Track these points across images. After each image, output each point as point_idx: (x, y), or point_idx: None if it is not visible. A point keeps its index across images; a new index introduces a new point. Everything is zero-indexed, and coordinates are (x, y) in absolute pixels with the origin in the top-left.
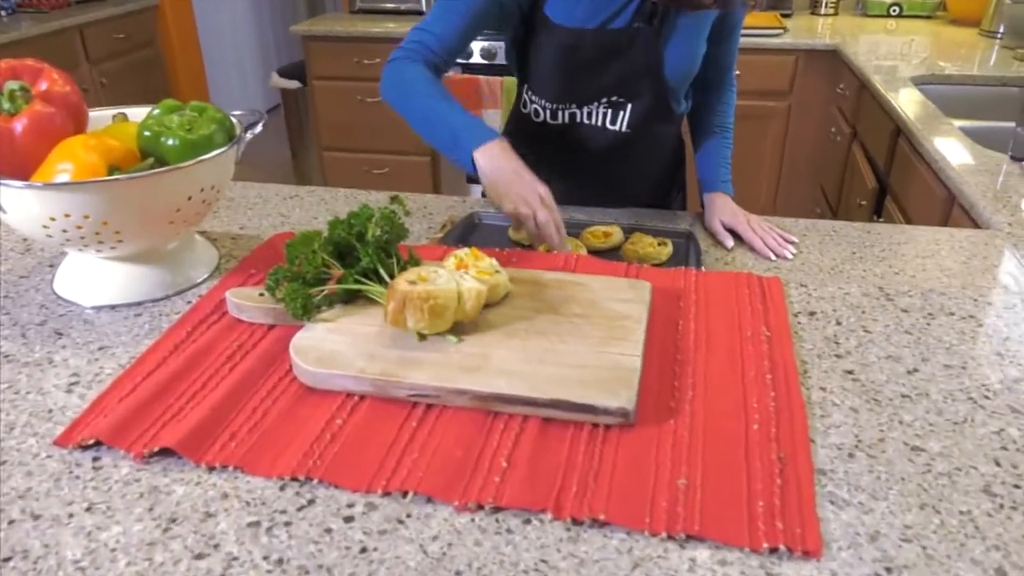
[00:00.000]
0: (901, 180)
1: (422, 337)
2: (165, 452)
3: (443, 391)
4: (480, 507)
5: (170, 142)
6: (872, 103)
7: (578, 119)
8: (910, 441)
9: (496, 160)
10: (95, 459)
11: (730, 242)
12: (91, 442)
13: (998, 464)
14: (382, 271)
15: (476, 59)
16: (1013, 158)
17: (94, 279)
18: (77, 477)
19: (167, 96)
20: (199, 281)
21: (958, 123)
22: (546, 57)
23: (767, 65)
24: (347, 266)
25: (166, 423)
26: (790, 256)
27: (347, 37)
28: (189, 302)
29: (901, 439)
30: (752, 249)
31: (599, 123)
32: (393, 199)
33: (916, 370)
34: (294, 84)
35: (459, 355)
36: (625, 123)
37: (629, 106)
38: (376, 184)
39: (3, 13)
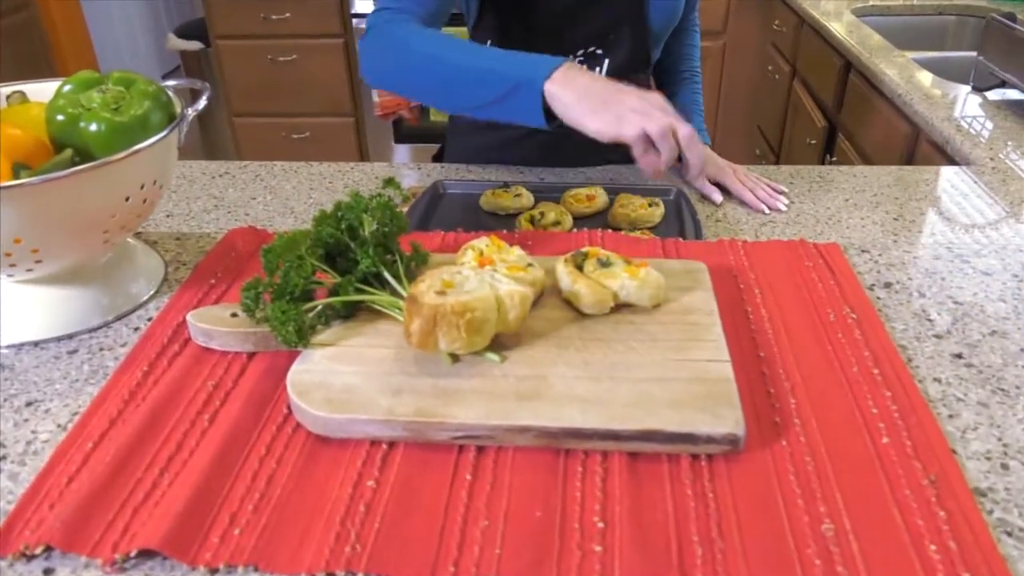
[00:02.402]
0: (855, 117)
1: (454, 359)
2: (144, 554)
3: (499, 430)
4: None
5: (93, 127)
6: (814, 38)
7: None
8: None
9: (580, 82)
10: (47, 572)
11: (719, 197)
12: (37, 550)
13: None
14: (386, 274)
15: None
16: (975, 88)
17: (8, 309)
18: None
19: (48, 66)
20: (144, 299)
21: (909, 55)
22: (517, 7)
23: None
24: (341, 271)
25: (137, 509)
26: (783, 207)
27: None
28: (137, 329)
29: None
30: (743, 203)
31: None
32: (387, 182)
33: None
34: (195, 45)
35: (509, 380)
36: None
37: (607, 60)
38: (296, 150)
39: None
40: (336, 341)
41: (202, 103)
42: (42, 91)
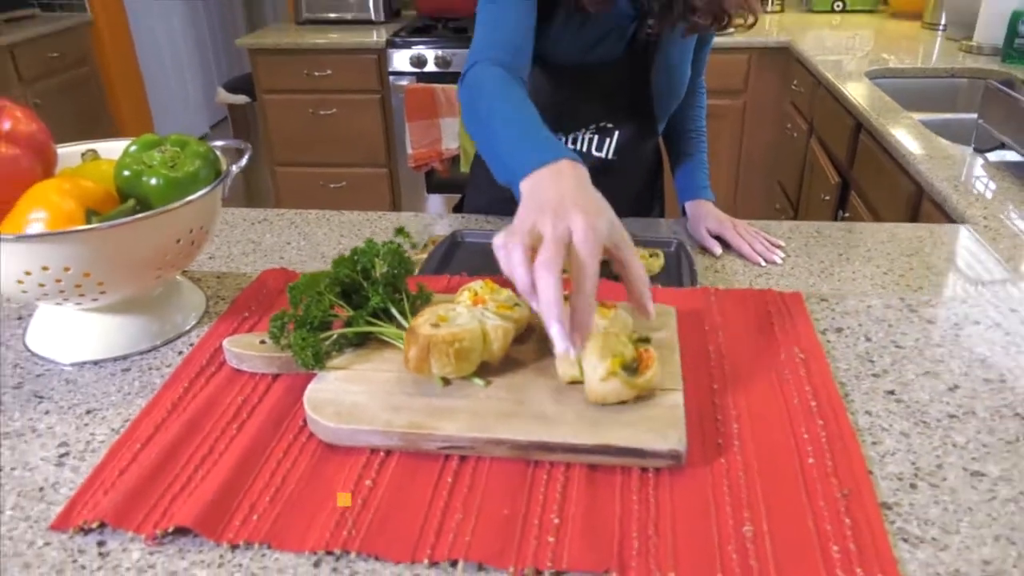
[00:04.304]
0: (865, 175)
1: (446, 382)
2: (179, 531)
3: (479, 442)
4: (538, 573)
5: (153, 181)
6: (828, 98)
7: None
8: (968, 466)
9: (542, 192)
10: (100, 544)
11: (718, 249)
12: (94, 525)
13: None
14: (393, 310)
15: (431, 67)
16: (976, 150)
17: (72, 332)
18: (83, 567)
19: (106, 116)
20: (188, 328)
21: (916, 116)
22: (536, 86)
23: (720, 64)
24: (355, 307)
25: (175, 497)
26: (779, 260)
27: (295, 49)
28: (180, 352)
29: (959, 464)
30: (741, 255)
31: (584, 149)
32: (398, 231)
33: (957, 386)
34: (242, 99)
35: (490, 400)
36: (612, 150)
37: (616, 133)
38: (332, 197)
39: None
40: (348, 365)
41: (244, 161)
42: (110, 149)
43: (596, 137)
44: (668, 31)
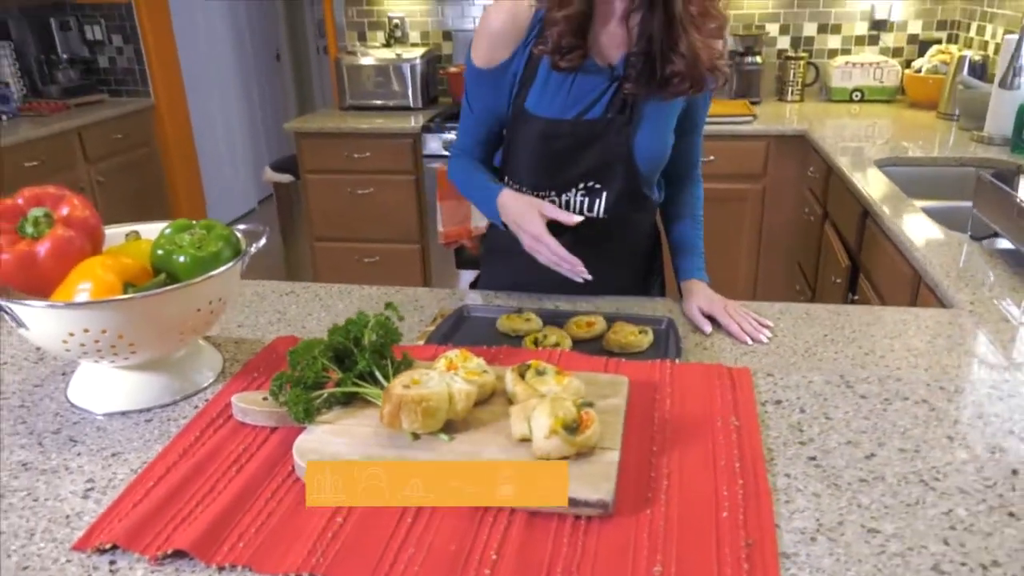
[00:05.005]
0: (872, 259)
1: (416, 436)
2: (178, 554)
3: None
4: None
5: (181, 259)
6: (840, 185)
7: (557, 206)
8: (867, 523)
9: (509, 210)
10: (112, 563)
11: (708, 328)
12: (108, 546)
13: (946, 543)
14: (378, 374)
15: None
16: (973, 237)
17: (106, 387)
18: None
19: (163, 192)
20: (205, 386)
21: (920, 203)
22: (526, 146)
23: (740, 150)
24: (345, 370)
25: (177, 526)
26: (765, 340)
27: (337, 133)
28: (196, 407)
29: (859, 522)
30: (729, 334)
31: (577, 210)
32: (387, 306)
33: (873, 455)
34: (287, 178)
35: (452, 454)
36: (602, 209)
37: (605, 193)
38: (367, 272)
39: (4, 117)
40: (335, 420)
41: (262, 242)
42: (150, 230)
43: (586, 198)
44: (645, 94)
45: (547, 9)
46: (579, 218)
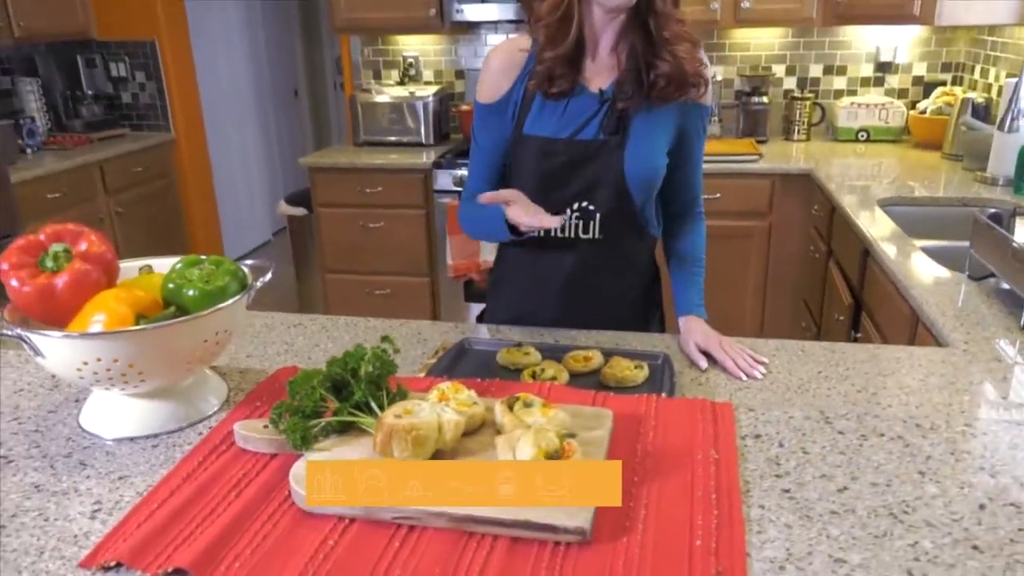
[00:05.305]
0: (873, 298)
1: None
2: (178, 572)
3: (423, 514)
4: None
5: (190, 293)
6: (843, 224)
7: (553, 232)
8: (834, 554)
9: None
10: None
11: (704, 363)
12: (113, 564)
13: (910, 574)
14: (373, 404)
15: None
16: (971, 277)
17: (116, 414)
18: None
19: (180, 223)
20: (210, 413)
21: (921, 243)
22: (524, 166)
23: (746, 188)
24: (342, 399)
25: (179, 546)
26: (760, 376)
27: (351, 168)
28: (200, 433)
29: (827, 552)
30: (724, 370)
31: (572, 234)
32: (384, 339)
33: (846, 488)
34: (300, 211)
35: None
36: (596, 230)
37: (598, 215)
38: (377, 304)
39: (29, 150)
40: (330, 448)
41: (267, 277)
42: (162, 264)
43: (580, 222)
44: (635, 105)
45: (538, 51)
46: (559, 220)
